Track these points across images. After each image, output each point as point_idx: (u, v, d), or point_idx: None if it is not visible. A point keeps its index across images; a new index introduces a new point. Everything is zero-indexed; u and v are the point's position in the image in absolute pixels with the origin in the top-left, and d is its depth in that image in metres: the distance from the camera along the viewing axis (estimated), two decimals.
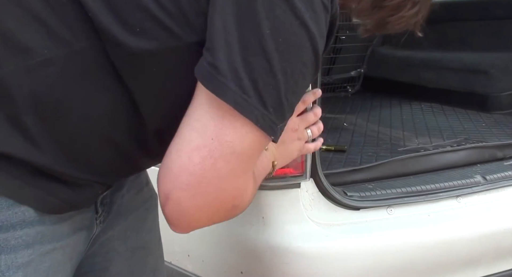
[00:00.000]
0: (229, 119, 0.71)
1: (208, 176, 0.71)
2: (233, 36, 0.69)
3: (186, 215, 0.75)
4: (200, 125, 0.72)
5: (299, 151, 1.08)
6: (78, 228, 0.87)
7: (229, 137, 0.71)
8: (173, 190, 0.73)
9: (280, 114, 0.73)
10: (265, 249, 1.42)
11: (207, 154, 0.71)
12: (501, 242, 1.59)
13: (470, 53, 2.75)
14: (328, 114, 2.58)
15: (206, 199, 0.73)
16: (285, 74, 0.71)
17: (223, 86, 0.69)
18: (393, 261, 1.48)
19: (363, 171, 1.69)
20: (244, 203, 0.80)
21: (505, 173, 1.70)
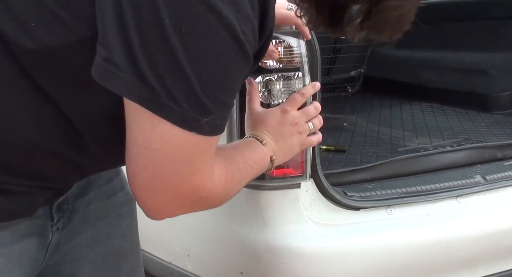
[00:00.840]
0: (151, 127, 0.67)
1: (155, 179, 0.71)
2: (131, 27, 0.63)
3: (153, 209, 0.76)
4: (132, 135, 0.70)
5: (301, 145, 1.05)
6: (26, 234, 0.84)
7: (157, 144, 0.68)
8: (134, 190, 0.74)
9: (201, 109, 0.67)
10: (265, 249, 1.42)
11: (144, 161, 0.70)
12: (501, 242, 1.59)
13: (470, 53, 2.75)
14: (328, 114, 2.58)
15: (165, 196, 0.73)
16: (196, 67, 0.64)
17: (124, 83, 0.64)
18: (393, 261, 1.48)
19: (363, 171, 1.69)
20: (215, 193, 0.78)
21: (505, 173, 1.70)
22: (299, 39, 1.27)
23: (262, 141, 0.97)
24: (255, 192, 1.41)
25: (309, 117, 1.06)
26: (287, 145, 1.02)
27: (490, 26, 2.73)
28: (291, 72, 1.28)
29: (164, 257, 1.82)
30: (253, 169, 0.91)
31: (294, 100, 1.08)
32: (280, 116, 1.03)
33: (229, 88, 0.71)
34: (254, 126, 1.02)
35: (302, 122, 1.05)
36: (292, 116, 1.03)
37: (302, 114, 1.05)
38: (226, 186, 0.81)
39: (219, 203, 0.83)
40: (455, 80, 2.74)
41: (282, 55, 1.26)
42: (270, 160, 0.97)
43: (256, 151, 0.93)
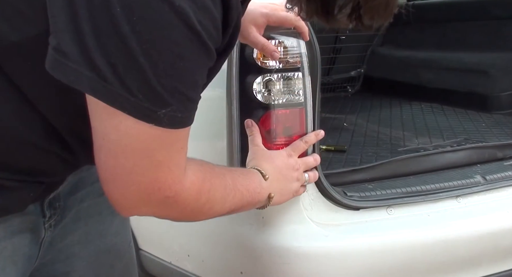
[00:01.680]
0: (106, 118, 0.67)
1: (117, 172, 0.71)
2: (82, 15, 0.61)
3: (119, 203, 0.75)
4: (92, 127, 0.70)
5: (295, 193, 1.09)
6: (18, 231, 0.84)
7: (114, 135, 0.68)
8: (102, 183, 0.74)
9: (157, 100, 0.66)
10: (265, 249, 1.42)
11: (106, 153, 0.70)
12: (501, 242, 1.59)
13: (470, 53, 2.75)
14: (328, 114, 2.58)
15: (128, 190, 0.72)
16: (149, 56, 0.63)
17: (75, 73, 0.63)
18: (393, 261, 1.48)
19: (363, 171, 1.69)
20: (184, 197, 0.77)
21: (505, 173, 1.70)
22: (299, 39, 1.27)
23: (265, 175, 0.97)
24: None
25: (308, 167, 1.10)
26: (286, 188, 1.04)
27: (490, 26, 2.73)
28: (291, 72, 1.28)
29: (164, 257, 1.82)
30: (243, 196, 0.90)
31: (297, 147, 1.11)
32: (286, 158, 1.06)
33: (187, 79, 0.68)
34: (259, 161, 1.03)
35: (301, 171, 1.07)
36: (294, 161, 1.06)
37: (303, 163, 1.08)
38: (199, 195, 0.79)
39: (191, 215, 0.82)
40: (455, 80, 2.74)
41: (282, 55, 1.26)
42: (268, 197, 0.97)
43: (252, 181, 0.94)
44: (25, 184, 0.80)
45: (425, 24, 3.09)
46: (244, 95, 1.25)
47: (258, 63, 1.26)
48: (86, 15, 0.61)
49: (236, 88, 1.29)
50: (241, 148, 1.30)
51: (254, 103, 1.26)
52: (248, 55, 1.27)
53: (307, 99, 1.29)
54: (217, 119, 1.37)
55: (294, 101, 1.28)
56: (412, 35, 3.16)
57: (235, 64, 1.28)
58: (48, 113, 0.75)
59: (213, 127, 1.40)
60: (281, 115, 1.28)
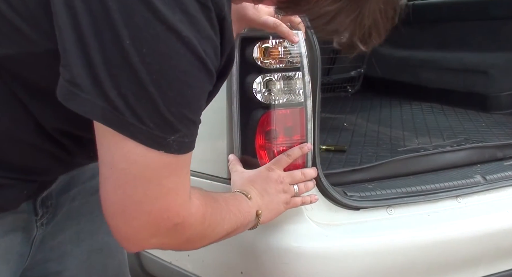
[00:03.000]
0: (115, 146, 0.67)
1: (125, 203, 0.70)
2: (93, 48, 0.63)
3: (128, 238, 0.75)
4: (100, 156, 0.70)
5: (286, 204, 1.09)
6: (10, 230, 0.84)
7: (123, 164, 0.68)
8: (108, 219, 0.73)
9: (166, 127, 0.68)
10: (265, 249, 1.42)
11: (113, 183, 0.70)
12: (501, 242, 1.59)
13: (470, 53, 2.75)
14: (328, 114, 2.58)
15: (138, 222, 0.72)
16: (159, 86, 0.65)
17: (88, 103, 0.65)
18: (393, 261, 1.48)
19: (363, 171, 1.69)
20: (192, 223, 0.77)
21: (505, 173, 1.70)
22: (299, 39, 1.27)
23: (248, 195, 0.99)
24: None
25: (294, 180, 1.10)
26: (272, 202, 1.05)
27: (490, 26, 2.73)
28: (291, 72, 1.28)
29: (164, 257, 1.82)
30: (237, 217, 0.91)
31: (279, 161, 1.13)
32: (265, 173, 1.08)
33: (194, 105, 0.71)
34: (240, 184, 1.06)
35: (287, 182, 1.08)
36: (277, 174, 1.07)
37: (288, 175, 1.09)
38: (204, 220, 0.80)
39: (199, 241, 0.83)
40: (455, 80, 2.74)
41: (282, 55, 1.26)
42: (256, 215, 0.99)
43: (241, 202, 0.95)
44: (18, 182, 0.80)
45: (425, 24, 3.09)
46: (244, 95, 1.25)
47: (258, 63, 1.26)
48: (97, 48, 0.63)
49: (236, 88, 1.29)
50: (241, 148, 1.30)
51: (254, 103, 1.26)
52: (248, 55, 1.27)
53: (307, 99, 1.29)
54: (217, 119, 1.37)
55: (294, 101, 1.28)
56: (412, 35, 3.16)
57: (235, 64, 1.28)
58: (40, 117, 0.75)
59: (213, 127, 1.40)
60: (281, 115, 1.28)
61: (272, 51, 1.25)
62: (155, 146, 0.68)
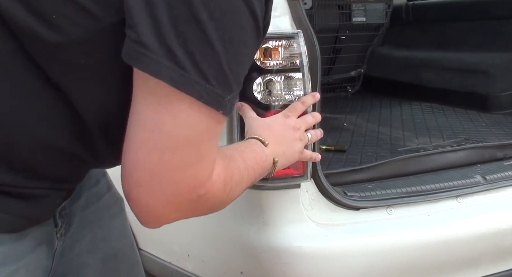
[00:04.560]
0: (166, 107, 0.66)
1: (158, 170, 0.68)
2: (159, 7, 0.63)
3: (149, 211, 0.71)
4: (140, 119, 0.67)
5: (300, 154, 1.05)
6: (38, 244, 0.82)
7: (169, 126, 0.66)
8: (130, 189, 0.70)
9: (226, 86, 0.67)
10: (265, 249, 1.42)
11: (151, 148, 0.67)
12: (501, 242, 1.59)
13: (470, 53, 2.75)
14: (328, 114, 2.58)
15: (163, 193, 0.69)
16: (223, 42, 0.65)
17: (155, 63, 0.64)
18: (393, 261, 1.48)
19: (363, 171, 1.69)
20: (214, 192, 0.74)
21: (505, 173, 1.70)
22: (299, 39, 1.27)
23: (265, 142, 0.94)
24: (255, 192, 1.41)
25: (308, 125, 1.07)
26: (289, 150, 1.01)
27: (490, 26, 2.73)
28: (291, 72, 1.28)
29: (164, 257, 1.82)
30: (254, 171, 0.88)
31: (295, 108, 1.09)
32: (282, 120, 1.03)
33: (246, 66, 0.71)
34: (257, 130, 1.00)
35: (302, 130, 1.05)
36: (294, 121, 1.03)
37: (302, 121, 1.06)
38: (225, 186, 0.77)
39: (219, 206, 0.79)
40: (455, 80, 2.74)
41: (282, 55, 1.26)
42: (273, 162, 0.95)
43: (257, 152, 0.91)
44: (51, 191, 0.78)
45: (425, 24, 3.09)
46: (244, 95, 1.25)
47: (258, 63, 1.26)
48: (164, 6, 0.63)
49: None
50: None
51: (254, 104, 1.26)
52: None
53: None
54: None
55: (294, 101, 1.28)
56: (412, 35, 3.16)
57: None
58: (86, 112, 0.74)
59: None
60: None
61: (272, 52, 1.25)
62: (215, 106, 0.67)
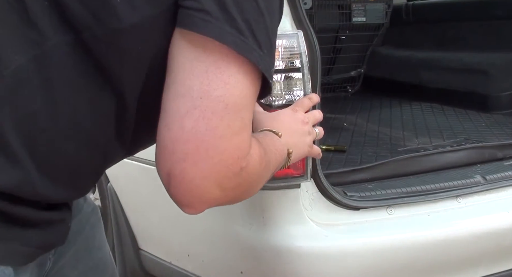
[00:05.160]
0: (214, 72, 0.67)
1: (205, 138, 0.67)
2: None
3: (194, 188, 0.69)
4: (185, 89, 0.67)
5: (310, 148, 1.05)
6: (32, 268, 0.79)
7: (219, 91, 0.67)
8: (173, 165, 0.68)
9: (272, 55, 0.72)
10: (265, 249, 1.42)
11: (198, 115, 0.67)
12: (501, 242, 1.59)
13: (470, 53, 2.75)
14: (328, 114, 2.58)
15: (210, 164, 0.68)
16: (268, 11, 0.70)
17: (220, 30, 0.66)
18: (393, 261, 1.48)
19: (363, 171, 1.69)
20: (253, 166, 0.73)
21: (505, 173, 1.70)
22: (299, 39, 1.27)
23: (278, 133, 0.94)
24: None
25: (316, 120, 1.07)
26: (299, 141, 1.00)
27: (490, 26, 2.73)
28: (291, 72, 1.28)
29: (164, 257, 1.82)
30: (276, 156, 0.87)
31: (302, 103, 1.09)
32: (292, 113, 1.03)
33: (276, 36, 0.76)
34: (267, 122, 0.98)
35: (311, 124, 1.05)
36: (303, 116, 1.03)
37: (311, 116, 1.06)
38: (261, 160, 0.77)
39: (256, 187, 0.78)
40: (455, 80, 2.74)
41: (282, 55, 1.26)
42: (288, 153, 0.94)
43: (274, 141, 0.90)
44: (67, 213, 0.78)
45: (425, 24, 3.09)
46: None
47: None
48: None
49: None
50: None
51: None
52: None
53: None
54: None
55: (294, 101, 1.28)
56: (412, 35, 3.16)
57: None
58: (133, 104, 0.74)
59: None
60: None
61: None
62: (267, 73, 0.70)
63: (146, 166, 1.73)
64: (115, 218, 2.03)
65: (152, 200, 1.81)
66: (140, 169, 1.72)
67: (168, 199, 0.73)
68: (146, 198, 1.85)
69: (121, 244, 2.01)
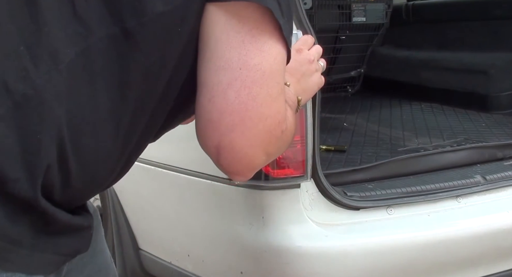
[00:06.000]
0: (250, 41, 0.70)
1: (248, 107, 0.70)
2: None
3: (243, 156, 0.73)
4: (223, 62, 0.70)
5: (319, 84, 1.04)
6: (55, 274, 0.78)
7: (256, 59, 0.70)
8: (221, 137, 0.71)
9: (290, 23, 0.75)
10: (265, 249, 1.42)
11: (240, 85, 0.70)
12: (501, 242, 1.59)
13: (470, 53, 2.75)
14: (328, 114, 2.58)
15: (256, 131, 0.71)
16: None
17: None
18: (393, 261, 1.48)
19: (363, 171, 1.69)
20: (289, 129, 0.78)
21: (505, 173, 1.70)
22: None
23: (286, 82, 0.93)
24: (255, 192, 1.41)
25: (319, 54, 1.07)
26: (308, 84, 1.01)
27: (490, 26, 2.73)
28: None
29: (164, 257, 1.82)
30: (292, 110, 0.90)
31: (306, 41, 1.08)
32: (297, 56, 1.02)
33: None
34: None
35: (317, 59, 1.05)
36: (308, 54, 1.03)
37: (315, 51, 1.06)
38: (293, 119, 0.81)
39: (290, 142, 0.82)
40: (455, 80, 2.74)
41: None
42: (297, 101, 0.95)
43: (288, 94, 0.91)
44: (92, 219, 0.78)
45: (425, 24, 3.09)
46: None
47: None
48: None
49: None
50: None
51: None
52: None
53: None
54: None
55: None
56: (412, 35, 3.16)
57: None
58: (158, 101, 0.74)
59: None
60: None
61: None
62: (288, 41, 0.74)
63: (146, 166, 1.73)
64: (115, 218, 2.03)
65: (152, 200, 1.81)
66: (140, 169, 1.72)
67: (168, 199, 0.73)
68: (146, 198, 1.85)
69: (121, 244, 2.01)
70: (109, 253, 1.08)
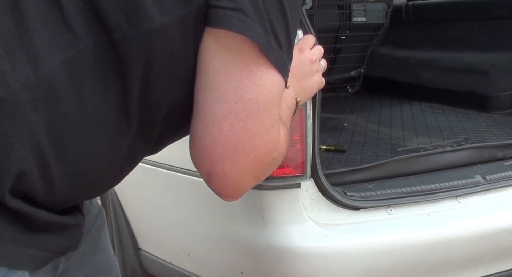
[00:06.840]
0: (247, 75, 0.70)
1: (242, 139, 0.71)
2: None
3: (233, 183, 0.75)
4: (220, 94, 0.71)
5: (319, 84, 1.05)
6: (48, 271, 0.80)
7: (251, 94, 0.71)
8: (213, 164, 0.73)
9: (290, 53, 0.74)
10: (265, 249, 1.42)
11: (235, 118, 0.71)
12: (501, 242, 1.59)
13: (470, 53, 2.75)
14: (328, 114, 2.58)
15: (247, 161, 0.73)
16: (291, 11, 0.72)
17: (254, 30, 0.69)
18: (393, 261, 1.48)
19: (363, 171, 1.69)
20: (281, 152, 0.79)
21: (505, 173, 1.70)
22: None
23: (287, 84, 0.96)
24: (255, 192, 1.41)
25: (321, 54, 1.07)
26: (308, 84, 1.01)
27: (490, 26, 2.73)
28: None
29: (164, 257, 1.82)
30: (289, 117, 0.91)
31: (308, 40, 1.07)
32: (299, 56, 1.01)
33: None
34: None
35: (318, 60, 1.05)
36: (309, 54, 1.02)
37: (316, 51, 1.05)
38: (286, 142, 0.82)
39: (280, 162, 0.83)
40: (455, 80, 2.74)
41: None
42: (296, 103, 0.96)
43: (286, 98, 0.92)
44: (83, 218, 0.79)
45: (425, 24, 3.09)
46: None
47: None
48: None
49: None
50: None
51: None
52: None
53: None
54: None
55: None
56: (412, 35, 3.16)
57: None
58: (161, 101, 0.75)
59: None
60: None
61: None
62: (284, 73, 0.73)
63: (146, 166, 1.73)
64: (115, 218, 2.03)
65: (152, 200, 1.81)
66: (140, 169, 1.72)
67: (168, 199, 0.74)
68: (146, 198, 1.85)
69: (121, 244, 2.01)
70: (113, 252, 1.07)
